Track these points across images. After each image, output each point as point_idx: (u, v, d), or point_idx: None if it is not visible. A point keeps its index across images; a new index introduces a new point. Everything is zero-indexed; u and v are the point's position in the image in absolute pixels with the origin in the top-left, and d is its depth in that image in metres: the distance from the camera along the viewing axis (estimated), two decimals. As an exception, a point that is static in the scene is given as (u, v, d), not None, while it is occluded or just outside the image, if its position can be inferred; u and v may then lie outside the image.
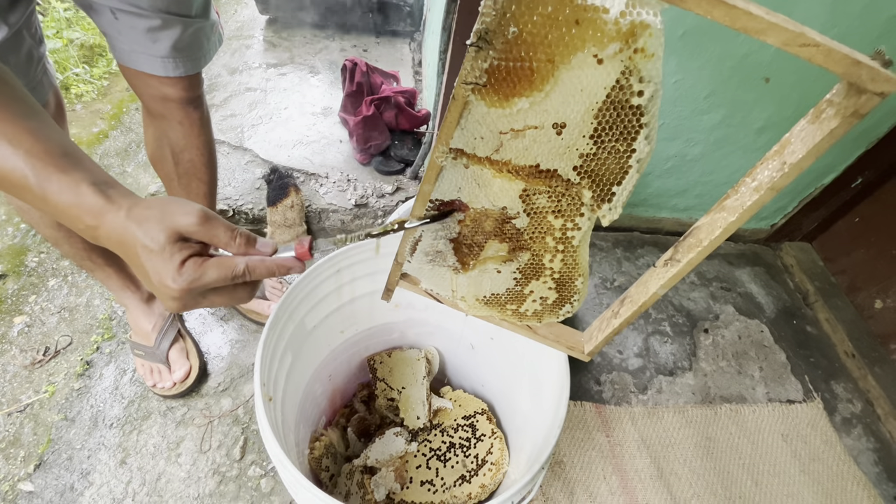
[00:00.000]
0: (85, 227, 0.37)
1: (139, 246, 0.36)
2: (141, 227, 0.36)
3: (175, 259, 0.37)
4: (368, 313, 0.87)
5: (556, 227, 0.43)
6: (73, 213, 0.36)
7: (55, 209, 0.36)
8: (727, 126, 1.23)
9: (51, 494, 0.86)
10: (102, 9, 0.61)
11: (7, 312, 1.12)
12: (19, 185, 0.36)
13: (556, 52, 0.33)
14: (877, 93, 0.29)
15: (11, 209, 1.32)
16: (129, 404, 0.98)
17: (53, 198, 0.36)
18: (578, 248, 0.45)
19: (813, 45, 0.29)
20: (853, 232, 1.44)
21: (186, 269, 0.37)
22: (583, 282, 0.48)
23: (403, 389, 0.91)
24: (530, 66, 0.34)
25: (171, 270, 0.36)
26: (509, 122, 0.38)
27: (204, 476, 0.91)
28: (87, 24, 1.86)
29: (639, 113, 0.34)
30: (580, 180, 0.40)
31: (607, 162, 0.38)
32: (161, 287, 0.37)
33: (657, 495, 1.01)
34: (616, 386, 1.18)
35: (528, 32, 0.33)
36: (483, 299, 0.53)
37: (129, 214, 0.36)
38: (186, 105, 0.73)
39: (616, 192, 0.39)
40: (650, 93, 0.33)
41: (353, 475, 0.83)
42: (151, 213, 0.37)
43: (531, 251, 0.46)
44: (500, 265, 0.49)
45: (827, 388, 1.29)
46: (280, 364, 0.67)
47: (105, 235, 0.37)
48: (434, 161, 0.41)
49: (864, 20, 1.01)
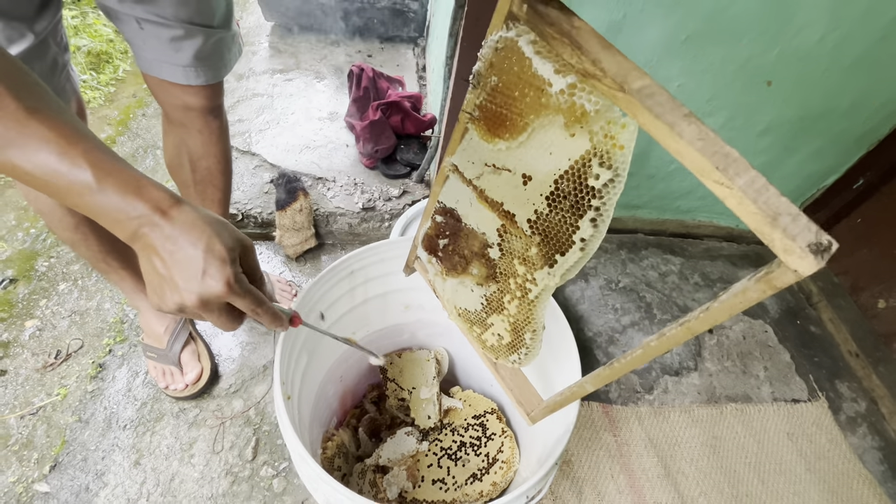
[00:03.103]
0: (139, 217, 0.37)
1: (207, 241, 0.38)
2: (213, 227, 0.39)
3: (235, 266, 0.39)
4: (380, 315, 0.88)
5: (519, 273, 0.45)
6: (128, 208, 0.37)
7: (107, 204, 0.37)
8: (730, 129, 1.25)
9: (66, 495, 0.87)
10: (128, 19, 0.63)
11: (18, 316, 1.13)
12: (75, 183, 0.36)
13: (525, 108, 0.37)
14: (790, 268, 0.25)
15: (21, 214, 1.34)
16: (141, 406, 0.99)
17: (109, 193, 0.36)
18: (534, 303, 0.46)
19: (726, 186, 0.26)
20: (855, 233, 1.45)
21: (238, 278, 0.40)
22: (531, 337, 0.49)
23: (414, 390, 0.93)
24: (508, 114, 0.38)
25: (225, 273, 0.38)
26: (492, 157, 0.41)
27: (217, 476, 0.92)
28: (93, 32, 1.88)
29: (592, 194, 0.35)
30: (531, 234, 0.42)
31: (556, 228, 0.39)
32: (196, 282, 0.38)
33: (665, 494, 1.02)
34: (622, 386, 1.19)
35: (504, 84, 0.38)
36: (458, 310, 0.56)
37: (202, 213, 0.39)
38: (207, 114, 0.75)
39: (558, 262, 0.40)
40: (606, 179, 0.34)
41: (365, 474, 0.84)
42: (225, 224, 0.40)
43: (498, 285, 0.48)
44: (474, 285, 0.51)
45: (831, 387, 1.29)
46: (297, 364, 0.68)
47: (169, 224, 0.38)
48: (442, 168, 0.46)
49: (865, 22, 1.03)
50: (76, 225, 0.78)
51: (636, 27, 1.00)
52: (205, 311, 0.40)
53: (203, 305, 0.39)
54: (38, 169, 0.35)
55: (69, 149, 0.35)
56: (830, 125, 1.26)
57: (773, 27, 1.03)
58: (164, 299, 0.40)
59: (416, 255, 0.59)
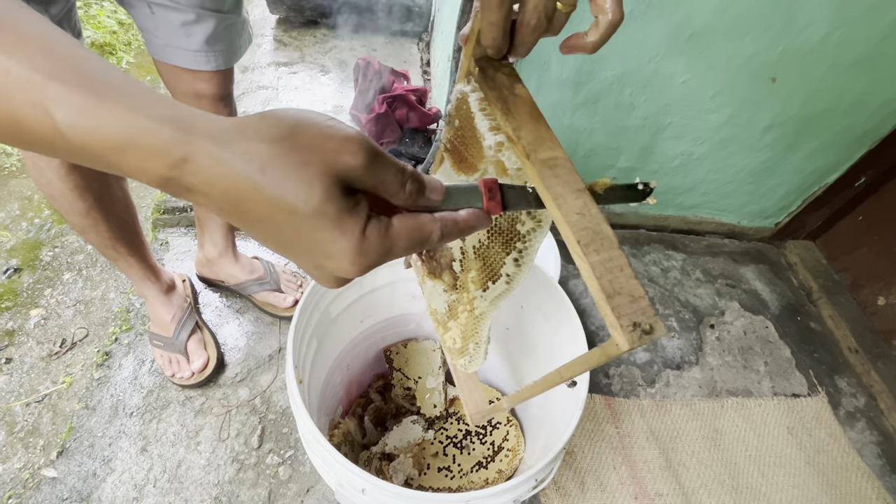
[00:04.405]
0: (157, 175, 0.22)
1: (275, 205, 0.23)
2: (267, 174, 0.22)
3: (351, 227, 0.24)
4: (387, 304, 0.89)
5: (470, 289, 0.49)
6: (128, 159, 0.22)
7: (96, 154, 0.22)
8: (733, 125, 1.25)
9: (73, 480, 0.88)
10: (140, 3, 0.63)
11: (23, 305, 1.13)
12: (32, 121, 0.21)
13: (475, 153, 0.41)
14: (614, 342, 0.27)
15: (26, 204, 1.34)
16: (148, 394, 0.99)
17: (87, 138, 0.21)
18: (479, 319, 0.51)
19: (581, 259, 0.28)
20: (856, 230, 1.46)
21: (370, 241, 0.25)
22: (474, 348, 0.54)
23: (420, 379, 0.93)
24: (465, 154, 0.42)
25: (348, 245, 0.24)
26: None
27: (223, 464, 0.92)
28: (97, 23, 1.88)
29: (518, 237, 0.40)
30: (474, 258, 0.47)
31: (491, 258, 0.44)
32: (328, 265, 0.25)
33: (666, 485, 1.03)
34: (625, 379, 1.20)
35: (461, 129, 0.42)
36: (430, 308, 0.60)
37: (231, 145, 0.22)
38: (217, 102, 0.76)
39: (490, 288, 0.46)
40: (529, 227, 0.39)
41: (371, 462, 0.85)
42: (282, 149, 0.22)
43: (457, 295, 0.53)
44: (442, 290, 0.56)
45: (831, 382, 1.31)
46: (307, 349, 0.69)
47: (195, 187, 0.22)
48: None
49: (868, 21, 1.04)
50: (87, 210, 0.78)
51: (642, 22, 1.01)
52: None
53: (349, 280, 0.28)
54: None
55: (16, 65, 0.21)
56: (833, 123, 1.27)
57: (777, 24, 1.04)
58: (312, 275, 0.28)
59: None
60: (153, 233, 1.28)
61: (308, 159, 0.23)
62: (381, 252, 0.25)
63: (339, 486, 0.55)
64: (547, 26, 0.35)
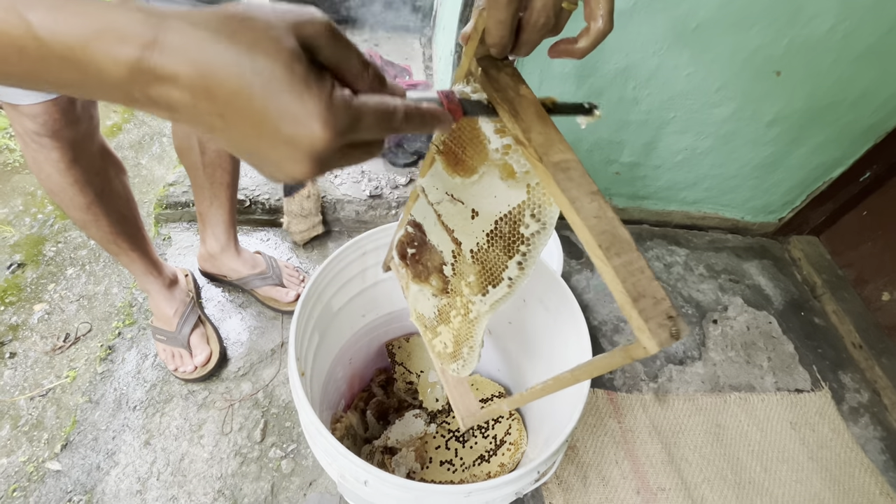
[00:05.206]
0: (126, 62, 0.22)
1: (245, 70, 0.22)
2: (237, 36, 0.22)
3: (319, 87, 0.23)
4: (389, 298, 0.89)
5: (464, 293, 0.49)
6: (98, 47, 0.21)
7: (60, 54, 0.22)
8: (737, 119, 1.25)
9: (77, 473, 0.88)
10: None
11: (27, 300, 1.14)
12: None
13: (474, 155, 0.41)
14: (641, 345, 0.27)
15: (29, 199, 1.34)
16: (151, 388, 1.00)
17: (54, 32, 0.21)
18: (474, 322, 0.50)
19: (603, 263, 0.28)
20: (861, 225, 1.45)
21: (338, 103, 0.24)
22: (468, 352, 0.53)
23: (422, 373, 0.93)
24: (462, 156, 0.42)
25: (319, 103, 0.23)
26: (451, 188, 0.45)
27: (226, 457, 0.93)
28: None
29: (521, 240, 0.39)
30: (472, 262, 0.46)
31: (491, 262, 0.44)
32: (298, 135, 0.23)
33: (668, 479, 1.03)
34: (627, 374, 1.20)
35: (460, 131, 0.41)
36: (416, 313, 0.60)
37: (202, 23, 0.22)
38: None
39: (490, 292, 0.45)
40: (534, 230, 0.38)
41: (373, 455, 0.85)
42: (249, 17, 0.23)
43: (448, 299, 0.52)
44: (430, 295, 0.55)
45: (834, 378, 1.30)
46: (309, 343, 0.69)
47: (165, 70, 0.22)
48: (414, 188, 0.51)
49: (874, 14, 1.03)
50: (88, 205, 0.78)
51: (646, 14, 1.00)
52: (332, 166, 0.26)
53: (321, 165, 0.25)
54: None
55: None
56: (838, 117, 1.26)
57: (782, 17, 1.03)
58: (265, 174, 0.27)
59: (392, 256, 0.63)
60: (156, 228, 1.29)
61: (275, 23, 0.23)
62: (350, 119, 0.24)
63: (342, 478, 0.56)
64: (553, 25, 0.35)
